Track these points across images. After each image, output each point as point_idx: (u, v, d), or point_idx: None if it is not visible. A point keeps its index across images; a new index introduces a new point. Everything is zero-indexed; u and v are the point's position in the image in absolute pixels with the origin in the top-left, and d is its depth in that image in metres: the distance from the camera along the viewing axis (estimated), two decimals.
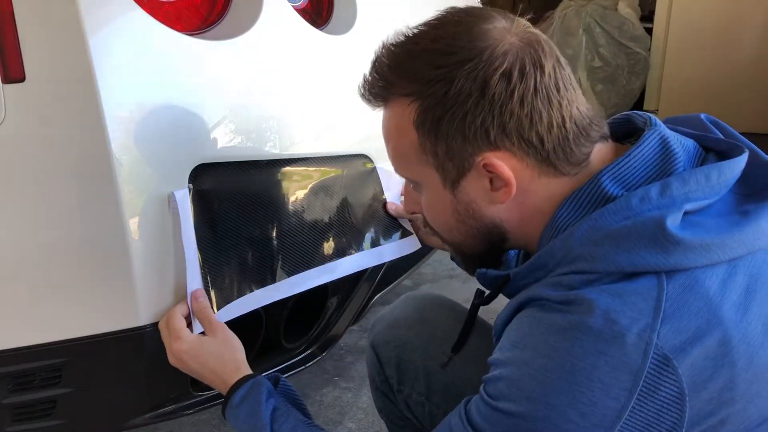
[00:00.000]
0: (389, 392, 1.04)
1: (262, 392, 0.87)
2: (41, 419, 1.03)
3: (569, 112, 0.70)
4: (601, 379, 0.63)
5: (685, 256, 0.64)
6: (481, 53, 0.68)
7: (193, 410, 1.15)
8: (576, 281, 0.67)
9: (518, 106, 0.68)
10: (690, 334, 0.63)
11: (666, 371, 0.63)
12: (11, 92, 0.88)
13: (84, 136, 0.91)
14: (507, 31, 0.70)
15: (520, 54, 0.69)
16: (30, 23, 0.87)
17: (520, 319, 0.70)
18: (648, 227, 0.65)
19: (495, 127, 0.69)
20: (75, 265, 0.95)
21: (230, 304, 1.03)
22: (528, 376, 0.66)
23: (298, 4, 1.21)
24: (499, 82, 0.68)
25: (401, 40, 0.74)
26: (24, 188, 0.91)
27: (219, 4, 1.08)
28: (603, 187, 0.70)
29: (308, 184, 1.15)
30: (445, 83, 0.69)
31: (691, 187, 0.68)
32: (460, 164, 0.73)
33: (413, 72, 0.71)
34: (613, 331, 0.62)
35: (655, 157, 0.71)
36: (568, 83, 0.70)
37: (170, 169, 0.98)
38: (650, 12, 4.03)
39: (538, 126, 0.69)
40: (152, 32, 0.96)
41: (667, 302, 0.64)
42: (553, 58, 0.70)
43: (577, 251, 0.68)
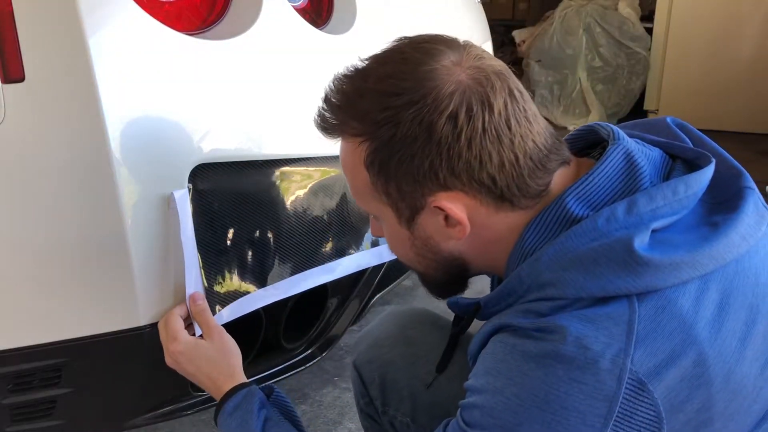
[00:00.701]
0: (374, 414, 1.02)
1: (255, 403, 0.87)
2: (41, 419, 1.03)
3: (523, 148, 0.67)
4: (575, 407, 0.62)
5: (655, 277, 0.63)
6: (426, 95, 0.66)
7: (193, 410, 1.15)
8: (546, 308, 0.66)
9: (466, 149, 0.66)
10: (664, 356, 0.62)
11: (641, 396, 0.62)
12: (11, 92, 0.88)
13: (84, 136, 0.91)
14: (456, 65, 0.67)
15: (467, 93, 0.66)
16: (30, 23, 0.87)
17: (495, 344, 0.69)
18: (616, 250, 0.64)
19: (444, 170, 0.67)
20: (75, 265, 0.95)
21: (230, 305, 1.03)
22: (502, 404, 0.65)
23: (298, 3, 1.21)
24: (446, 125, 0.66)
25: (351, 74, 0.72)
26: (24, 188, 0.91)
27: (219, 4, 1.08)
28: (568, 208, 0.68)
29: (308, 184, 1.15)
30: (392, 126, 0.67)
31: (659, 203, 0.66)
32: (412, 204, 0.72)
33: (361, 112, 0.69)
34: (586, 357, 0.62)
35: (619, 173, 0.69)
36: (521, 117, 0.68)
37: (170, 169, 0.98)
38: (650, 12, 4.02)
39: (488, 167, 0.67)
40: (152, 32, 0.96)
41: (639, 325, 0.63)
42: (505, 92, 0.67)
43: (546, 277, 0.67)
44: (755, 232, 0.69)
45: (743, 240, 0.67)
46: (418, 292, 2.11)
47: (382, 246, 1.23)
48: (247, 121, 1.07)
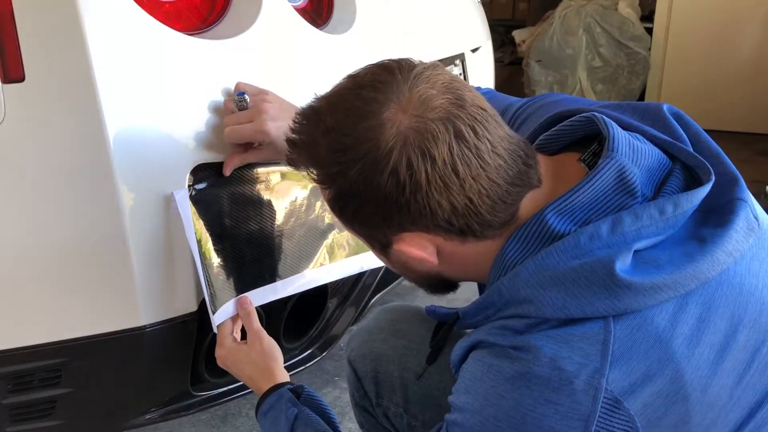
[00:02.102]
0: (369, 406, 1.05)
1: (284, 402, 0.91)
2: (41, 419, 1.03)
3: (476, 189, 0.65)
4: (552, 427, 0.62)
5: (634, 300, 0.62)
6: (367, 154, 0.65)
7: (193, 410, 1.15)
8: (522, 326, 0.66)
9: (413, 201, 0.65)
10: (640, 374, 0.62)
11: (617, 414, 0.62)
12: (11, 92, 0.88)
13: (84, 136, 0.91)
14: (399, 112, 0.65)
15: (405, 147, 0.64)
16: (30, 23, 0.87)
17: (474, 362, 0.69)
18: (596, 272, 0.63)
19: (395, 219, 0.68)
20: (75, 265, 0.95)
21: (229, 302, 1.03)
22: (480, 424, 0.65)
23: (298, 3, 1.21)
24: (389, 181, 0.65)
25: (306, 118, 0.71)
26: (24, 188, 0.91)
27: (219, 4, 1.08)
28: (548, 222, 0.67)
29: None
30: (343, 180, 0.67)
31: (644, 223, 0.65)
32: (378, 243, 0.73)
33: (317, 161, 0.70)
34: (561, 378, 0.62)
35: (608, 190, 0.67)
36: (472, 158, 0.65)
37: (170, 169, 0.98)
38: (650, 12, 4.02)
39: (439, 213, 0.66)
40: (152, 32, 0.96)
41: (615, 344, 0.62)
42: (450, 137, 0.64)
43: (524, 293, 0.66)
44: (742, 246, 0.68)
45: (728, 256, 0.66)
46: (419, 292, 2.11)
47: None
48: None
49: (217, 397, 1.17)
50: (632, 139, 0.71)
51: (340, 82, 0.71)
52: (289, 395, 0.92)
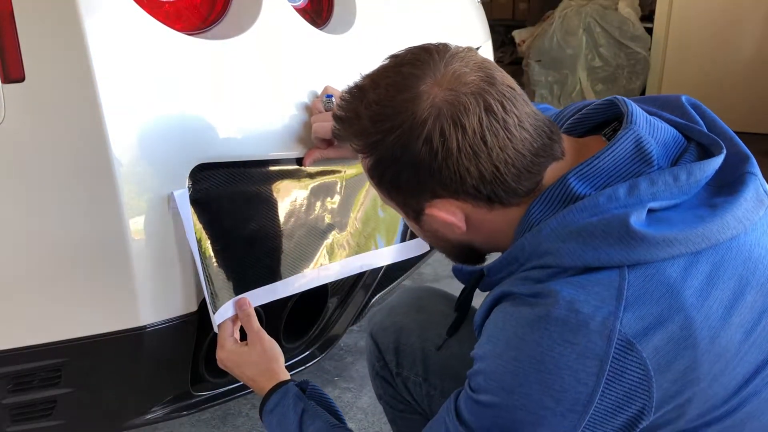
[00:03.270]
0: (389, 376, 1.09)
1: (290, 398, 0.94)
2: (41, 419, 1.03)
3: (503, 159, 0.71)
4: (569, 366, 0.67)
5: (647, 252, 0.67)
6: (404, 122, 0.72)
7: (193, 410, 1.15)
8: (542, 275, 0.71)
9: (444, 167, 0.72)
10: (652, 319, 0.67)
11: (630, 355, 0.66)
12: (11, 92, 0.88)
13: (84, 136, 0.91)
14: (434, 87, 0.72)
15: (440, 117, 0.70)
16: (30, 23, 0.87)
17: (495, 315, 0.74)
18: (612, 225, 0.68)
19: (429, 185, 0.74)
20: (75, 265, 0.95)
21: (229, 302, 1.03)
22: (502, 368, 0.70)
23: (298, 3, 1.21)
24: (422, 148, 0.71)
25: (351, 95, 0.78)
26: (24, 188, 0.91)
27: (219, 4, 1.08)
28: (570, 186, 0.73)
29: (309, 184, 1.15)
30: (381, 148, 0.74)
31: (659, 188, 0.70)
32: (413, 209, 0.79)
33: (359, 132, 0.77)
34: (578, 320, 0.66)
35: (627, 157, 0.73)
36: (499, 130, 0.71)
37: (170, 169, 0.98)
38: (650, 12, 4.02)
39: (468, 179, 0.72)
40: (152, 32, 0.96)
41: (629, 291, 0.67)
42: (480, 109, 0.71)
43: (545, 246, 0.71)
44: (752, 215, 0.72)
45: (738, 222, 0.71)
46: None
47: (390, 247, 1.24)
48: (247, 121, 1.07)
49: (217, 397, 1.17)
50: (650, 116, 0.77)
51: (382, 62, 0.79)
52: (296, 390, 0.96)
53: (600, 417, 0.68)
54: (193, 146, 0.99)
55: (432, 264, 2.35)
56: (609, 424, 0.69)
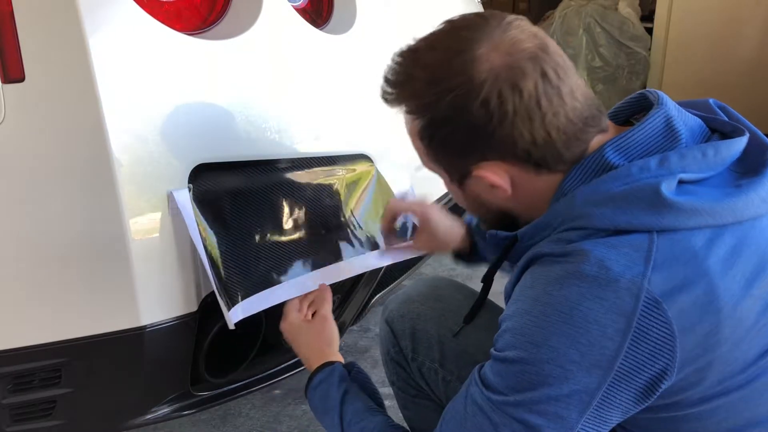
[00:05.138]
0: (403, 362, 1.11)
1: (336, 377, 0.98)
2: (41, 419, 1.03)
3: (555, 124, 0.74)
4: (597, 320, 0.68)
5: (676, 219, 0.70)
6: (462, 85, 0.73)
7: (193, 410, 1.15)
8: (574, 236, 0.74)
9: (499, 129, 0.74)
10: (678, 281, 0.69)
11: (656, 313, 0.68)
12: (11, 92, 0.88)
13: (84, 136, 0.91)
14: (492, 51, 0.74)
15: (499, 80, 0.73)
16: (30, 23, 0.87)
17: (525, 277, 0.77)
18: (644, 191, 0.71)
19: (482, 146, 0.76)
20: (75, 265, 0.95)
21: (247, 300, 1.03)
22: (530, 323, 0.72)
23: (298, 4, 1.21)
24: (479, 110, 0.73)
25: (405, 56, 0.79)
26: (24, 188, 0.91)
27: (219, 4, 1.08)
28: (606, 156, 0.75)
29: (306, 184, 1.15)
30: (435, 108, 0.76)
31: (688, 162, 0.73)
32: (459, 171, 0.81)
33: (412, 94, 0.78)
34: (608, 276, 0.69)
35: (658, 133, 0.76)
36: (553, 96, 0.74)
37: (170, 169, 0.98)
38: (650, 12, 4.02)
39: (520, 143, 0.74)
40: (152, 32, 0.96)
41: (657, 253, 0.69)
42: (537, 74, 0.73)
43: (579, 211, 0.74)
44: None
45: (762, 202, 0.74)
46: None
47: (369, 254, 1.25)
48: (247, 121, 1.07)
49: (217, 397, 1.17)
50: (677, 105, 0.81)
51: (438, 26, 0.79)
52: (342, 371, 0.99)
53: (624, 374, 0.70)
54: (193, 146, 1.00)
55: (432, 264, 2.35)
56: (633, 382, 0.70)
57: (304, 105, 1.15)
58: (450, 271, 2.32)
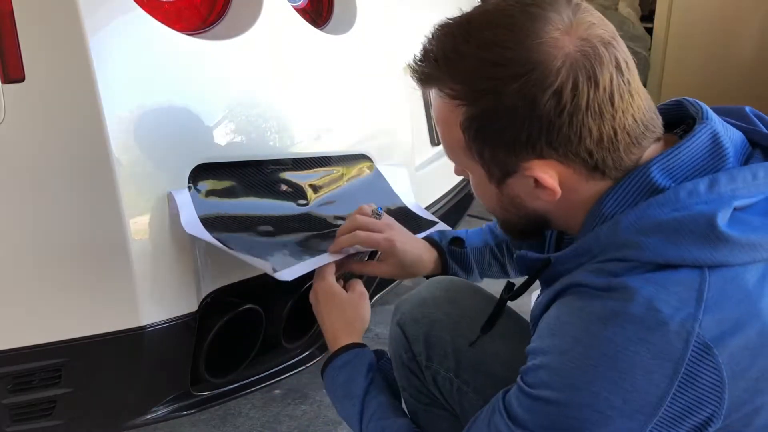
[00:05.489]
0: (416, 369, 1.05)
1: (365, 363, 0.94)
2: (41, 419, 1.03)
3: (622, 123, 0.68)
4: (643, 365, 0.64)
5: (731, 254, 0.65)
6: (532, 70, 0.66)
7: (193, 410, 1.15)
8: (619, 268, 0.68)
9: (567, 124, 0.67)
10: (730, 324, 0.64)
11: (707, 359, 0.64)
12: (11, 92, 0.88)
13: (84, 136, 0.91)
14: (565, 35, 0.66)
15: (574, 68, 0.66)
16: (30, 23, 0.87)
17: (559, 308, 0.71)
18: (699, 223, 0.66)
19: (542, 142, 0.69)
20: (75, 265, 0.95)
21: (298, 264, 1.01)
22: (569, 364, 0.66)
23: (298, 4, 1.21)
24: (549, 101, 0.66)
25: (452, 28, 0.70)
26: (24, 188, 0.91)
27: (219, 4, 1.08)
28: (651, 177, 0.70)
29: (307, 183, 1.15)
30: (494, 96, 0.67)
31: (738, 185, 0.68)
32: (504, 168, 0.73)
33: (461, 75, 0.69)
34: (656, 319, 0.63)
35: (705, 151, 0.70)
36: (625, 91, 0.68)
37: (170, 169, 0.98)
38: (650, 12, 4.02)
39: (587, 141, 0.68)
40: (152, 32, 0.96)
41: (709, 293, 0.64)
42: (612, 66, 0.67)
43: (624, 239, 0.68)
44: None
45: None
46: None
47: None
48: (247, 121, 1.07)
49: (217, 397, 1.17)
50: (720, 118, 0.75)
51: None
52: (372, 357, 0.95)
53: (668, 421, 0.65)
54: (193, 146, 0.99)
55: None
56: (675, 428, 0.66)
57: (304, 105, 1.15)
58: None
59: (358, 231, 1.03)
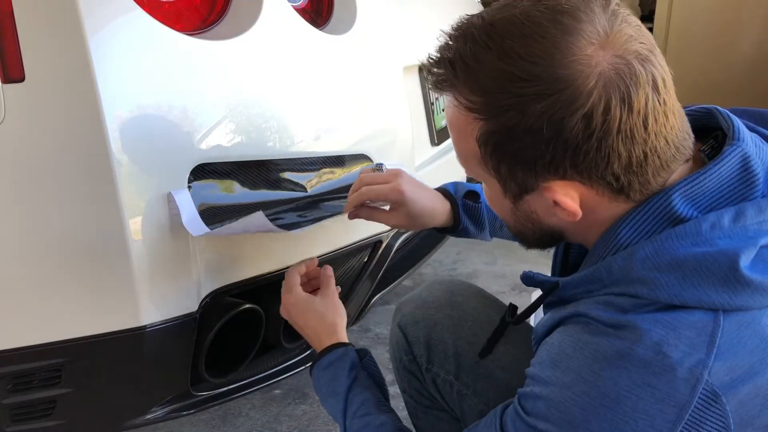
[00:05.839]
0: (417, 371, 1.04)
1: (347, 362, 0.94)
2: (41, 419, 1.03)
3: (654, 146, 0.63)
4: (646, 410, 0.61)
5: (751, 298, 0.61)
6: (561, 90, 0.60)
7: (193, 410, 1.15)
8: (629, 304, 0.64)
9: (595, 149, 0.62)
10: (742, 372, 0.61)
11: (714, 407, 0.61)
12: (11, 92, 0.88)
13: (84, 136, 0.91)
14: (600, 50, 0.60)
15: (607, 89, 0.60)
16: (30, 23, 0.87)
17: (563, 337, 0.67)
18: (720, 264, 0.61)
19: (566, 164, 0.64)
20: (75, 265, 0.95)
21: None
22: (570, 400, 0.64)
23: (298, 4, 1.21)
24: (578, 124, 0.60)
25: (474, 32, 0.64)
26: (24, 188, 0.91)
27: (219, 4, 1.08)
28: (673, 205, 0.64)
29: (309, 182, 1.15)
30: (517, 114, 0.62)
31: (766, 217, 0.63)
32: (522, 185, 0.68)
33: (481, 86, 0.63)
34: (663, 364, 0.60)
35: (733, 177, 0.65)
36: (660, 113, 0.62)
37: (170, 169, 0.98)
38: (650, 12, 4.03)
39: (614, 165, 0.63)
40: (152, 32, 0.96)
41: (722, 338, 0.61)
42: (649, 86, 0.61)
43: (638, 273, 0.64)
44: None
45: None
46: None
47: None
48: (247, 121, 1.07)
49: (217, 397, 1.17)
50: (753, 135, 0.69)
51: (521, 1, 0.63)
52: (354, 356, 0.95)
53: None
54: (193, 146, 0.99)
55: (432, 264, 2.35)
56: None
57: (304, 105, 1.15)
58: (450, 272, 2.32)
59: (365, 187, 1.00)
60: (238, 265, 1.09)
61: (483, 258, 2.38)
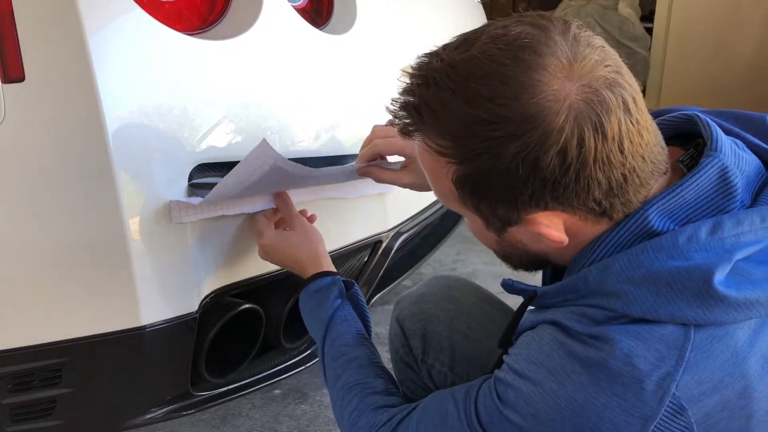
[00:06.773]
0: (413, 363, 1.06)
1: (333, 291, 0.96)
2: (41, 419, 1.03)
3: (632, 166, 0.62)
4: (611, 419, 0.62)
5: (725, 313, 0.61)
6: (533, 130, 0.59)
7: (193, 410, 1.15)
8: (601, 316, 0.64)
9: (573, 181, 0.61)
10: (710, 385, 0.61)
11: (679, 419, 0.61)
12: (11, 92, 0.88)
13: (84, 136, 0.91)
14: (565, 80, 0.60)
15: (578, 121, 0.59)
16: (30, 23, 0.87)
17: (542, 334, 0.68)
18: (694, 279, 0.61)
19: (546, 198, 0.63)
20: (75, 265, 0.95)
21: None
22: (539, 396, 0.65)
23: (298, 3, 1.21)
24: (553, 160, 0.60)
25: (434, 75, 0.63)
26: (24, 188, 0.91)
27: (219, 4, 1.08)
28: (649, 221, 0.64)
29: None
30: (491, 157, 0.61)
31: (744, 229, 0.63)
32: (505, 220, 0.68)
33: (450, 132, 0.63)
34: (632, 375, 0.61)
35: (710, 190, 0.65)
36: (634, 134, 0.61)
37: (170, 169, 0.98)
38: (650, 12, 4.02)
39: (595, 192, 0.63)
40: (152, 32, 0.96)
41: (692, 352, 0.61)
42: (620, 110, 0.61)
43: (613, 287, 0.64)
44: None
45: None
46: None
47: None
48: (247, 121, 1.07)
49: (217, 397, 1.17)
50: (733, 144, 0.68)
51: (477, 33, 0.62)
52: (341, 286, 0.97)
53: None
54: (193, 146, 1.00)
55: (432, 264, 2.35)
56: None
57: (304, 105, 1.15)
58: (450, 272, 2.31)
59: (377, 140, 1.00)
60: (238, 265, 1.09)
61: (483, 258, 2.38)
